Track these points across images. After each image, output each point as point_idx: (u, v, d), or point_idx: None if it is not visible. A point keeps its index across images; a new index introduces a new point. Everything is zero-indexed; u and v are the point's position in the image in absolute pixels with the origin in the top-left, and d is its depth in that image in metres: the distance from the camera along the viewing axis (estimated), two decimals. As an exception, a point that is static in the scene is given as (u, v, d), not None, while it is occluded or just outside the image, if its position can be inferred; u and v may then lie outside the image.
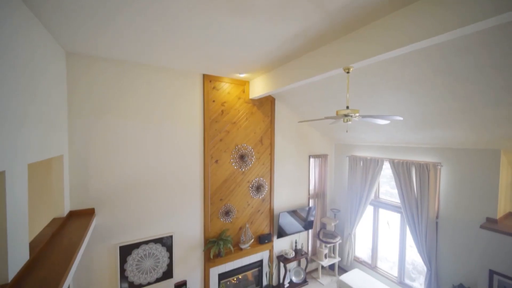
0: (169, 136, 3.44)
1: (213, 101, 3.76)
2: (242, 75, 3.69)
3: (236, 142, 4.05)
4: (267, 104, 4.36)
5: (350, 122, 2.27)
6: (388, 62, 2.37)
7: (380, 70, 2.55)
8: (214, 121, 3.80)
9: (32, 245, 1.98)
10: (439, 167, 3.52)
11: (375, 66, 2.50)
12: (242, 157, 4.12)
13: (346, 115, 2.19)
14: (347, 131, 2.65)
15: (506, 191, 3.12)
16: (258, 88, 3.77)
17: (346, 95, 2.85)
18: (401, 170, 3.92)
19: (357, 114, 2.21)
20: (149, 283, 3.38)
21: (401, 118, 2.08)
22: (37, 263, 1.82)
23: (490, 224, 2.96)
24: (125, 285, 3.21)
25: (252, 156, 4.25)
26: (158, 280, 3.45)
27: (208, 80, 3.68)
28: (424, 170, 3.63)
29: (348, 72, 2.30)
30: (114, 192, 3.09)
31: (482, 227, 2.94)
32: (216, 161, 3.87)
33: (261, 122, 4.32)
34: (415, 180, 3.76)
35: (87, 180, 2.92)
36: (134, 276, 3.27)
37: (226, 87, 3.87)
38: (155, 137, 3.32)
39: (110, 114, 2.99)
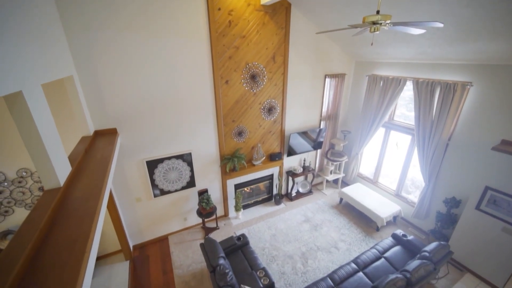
0: (175, 54, 3.20)
1: (219, 9, 3.25)
2: (252, -28, 3.02)
3: (246, 60, 3.76)
4: (281, 11, 3.74)
5: (377, 32, 1.95)
6: None
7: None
8: (221, 34, 3.41)
9: (71, 158, 2.26)
10: (468, 86, 3.21)
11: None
12: (253, 77, 3.92)
13: (374, 23, 1.85)
14: (372, 44, 2.31)
15: (536, 112, 2.93)
16: (271, -10, 3.14)
17: (378, -3, 2.33)
18: (424, 90, 3.65)
19: (388, 21, 1.86)
20: (176, 190, 4.01)
21: (441, 25, 1.74)
22: (79, 172, 2.13)
23: (504, 146, 2.94)
24: (157, 191, 3.83)
25: (264, 76, 4.02)
26: (183, 188, 4.06)
27: (211, -19, 3.06)
28: (449, 90, 3.36)
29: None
30: (131, 113, 3.21)
31: (493, 148, 2.93)
32: (227, 82, 3.73)
33: (274, 35, 3.83)
34: (437, 101, 3.55)
35: (103, 101, 3.00)
36: (162, 184, 3.84)
37: (233, -10, 3.25)
38: (161, 55, 3.11)
39: (108, 30, 2.72)
